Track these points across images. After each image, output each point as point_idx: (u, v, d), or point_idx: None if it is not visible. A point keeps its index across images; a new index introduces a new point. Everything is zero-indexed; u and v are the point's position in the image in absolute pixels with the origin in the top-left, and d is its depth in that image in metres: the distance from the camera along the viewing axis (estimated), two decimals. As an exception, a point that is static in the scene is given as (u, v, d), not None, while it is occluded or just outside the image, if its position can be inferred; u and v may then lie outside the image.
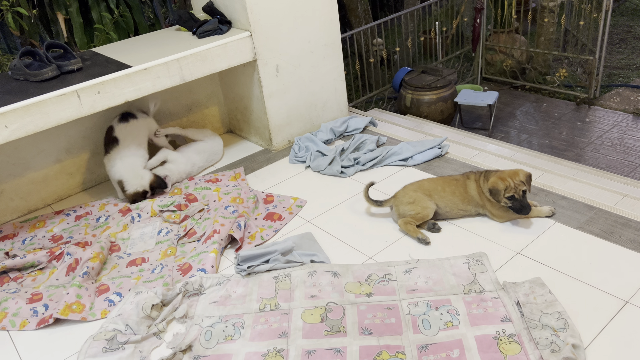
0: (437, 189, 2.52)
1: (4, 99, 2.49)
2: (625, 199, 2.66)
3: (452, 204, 2.50)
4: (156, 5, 5.02)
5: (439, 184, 2.55)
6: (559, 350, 1.73)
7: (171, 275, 2.35)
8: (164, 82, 2.86)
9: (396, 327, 1.93)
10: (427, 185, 2.54)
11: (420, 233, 2.40)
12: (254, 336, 1.97)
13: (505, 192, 2.33)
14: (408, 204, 2.48)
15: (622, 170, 4.04)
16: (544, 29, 5.41)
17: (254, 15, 3.06)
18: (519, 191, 2.32)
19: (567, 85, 5.42)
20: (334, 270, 2.25)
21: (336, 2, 3.39)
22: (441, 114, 4.81)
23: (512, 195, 2.33)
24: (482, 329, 1.87)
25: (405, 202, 2.49)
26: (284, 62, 3.29)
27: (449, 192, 2.50)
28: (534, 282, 2.04)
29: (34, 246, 2.73)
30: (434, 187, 2.53)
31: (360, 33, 5.24)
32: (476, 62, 5.86)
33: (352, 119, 3.62)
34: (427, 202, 2.46)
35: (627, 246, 2.22)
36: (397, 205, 2.52)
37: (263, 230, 2.62)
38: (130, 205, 2.93)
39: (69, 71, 2.75)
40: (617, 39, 6.64)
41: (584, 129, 4.73)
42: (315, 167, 3.15)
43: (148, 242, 2.65)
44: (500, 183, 2.34)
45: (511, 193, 2.32)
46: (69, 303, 2.19)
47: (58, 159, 3.14)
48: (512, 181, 2.32)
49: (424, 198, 2.47)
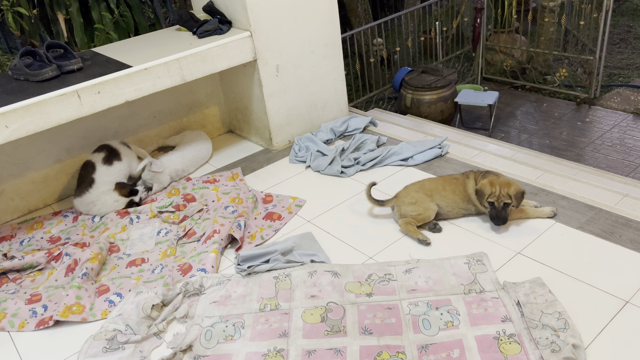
0: (437, 188, 2.52)
1: (4, 99, 2.49)
2: (625, 199, 2.66)
3: (453, 202, 2.50)
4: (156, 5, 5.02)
5: (440, 183, 2.55)
6: (559, 350, 1.72)
7: (171, 275, 2.35)
8: (164, 82, 2.86)
9: (396, 327, 1.93)
10: (428, 185, 2.54)
11: (421, 234, 2.40)
12: (254, 336, 1.97)
13: (488, 197, 2.35)
14: (410, 204, 2.48)
15: (622, 170, 4.04)
16: (544, 29, 5.41)
17: (254, 15, 3.06)
18: (500, 201, 2.33)
19: (567, 85, 5.42)
20: (334, 270, 2.25)
21: (336, 2, 3.38)
22: (441, 114, 4.81)
23: (493, 202, 2.35)
24: (482, 329, 1.87)
25: (407, 203, 2.49)
26: (284, 62, 3.29)
27: (449, 190, 2.51)
28: (534, 282, 2.04)
29: (32, 247, 2.72)
30: (435, 186, 2.53)
31: (361, 33, 5.24)
32: (476, 62, 5.86)
33: (352, 119, 3.62)
34: (429, 203, 2.46)
35: (627, 246, 2.22)
36: (399, 206, 2.52)
37: (263, 230, 2.62)
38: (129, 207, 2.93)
39: (69, 71, 2.75)
40: (617, 39, 6.64)
41: (584, 129, 4.72)
42: (316, 167, 3.15)
43: (147, 243, 2.65)
44: (487, 187, 2.36)
45: (492, 200, 2.34)
46: (68, 305, 2.19)
47: (58, 159, 3.14)
48: (499, 189, 2.33)
49: (425, 199, 2.47)
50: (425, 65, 5.26)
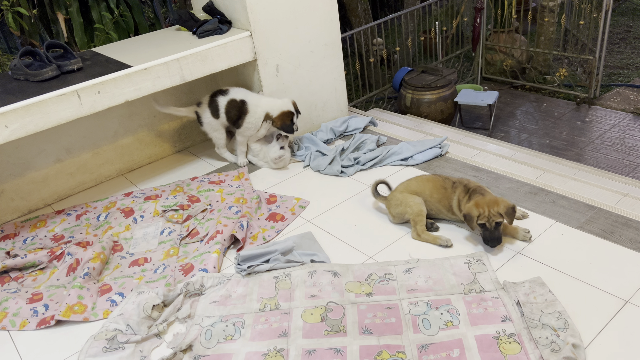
0: (425, 192, 2.50)
1: (4, 98, 2.49)
2: (625, 199, 2.66)
3: (437, 210, 2.50)
4: (156, 5, 5.02)
5: (428, 187, 2.51)
6: (559, 350, 1.73)
7: (173, 275, 2.35)
8: (164, 82, 2.87)
9: (396, 326, 1.93)
10: (414, 187, 2.53)
11: (439, 238, 2.37)
12: (254, 336, 1.97)
13: (478, 219, 2.23)
14: (397, 206, 2.51)
15: (622, 169, 4.04)
16: (544, 29, 5.41)
17: (254, 15, 3.06)
18: (491, 222, 2.22)
19: (567, 84, 5.42)
20: (334, 270, 2.25)
21: (336, 1, 3.39)
22: (441, 113, 4.81)
23: (484, 223, 2.23)
24: (482, 329, 1.87)
25: (394, 205, 2.53)
26: (284, 61, 3.29)
27: (436, 198, 2.48)
28: (534, 282, 2.04)
29: (35, 246, 2.73)
30: (422, 189, 2.51)
31: (360, 33, 5.24)
32: (476, 61, 5.86)
33: (352, 119, 3.62)
34: (413, 198, 2.47)
35: (627, 246, 2.22)
36: (389, 208, 2.57)
37: (265, 231, 2.62)
38: (133, 206, 2.93)
39: (69, 71, 2.76)
40: (617, 39, 6.64)
41: (584, 129, 4.73)
42: (316, 167, 3.15)
43: (151, 242, 2.65)
44: (474, 210, 2.24)
45: (483, 221, 2.23)
46: (70, 304, 2.19)
47: (58, 159, 3.14)
48: (487, 210, 2.21)
49: (409, 197, 2.48)
50: (425, 65, 5.26)
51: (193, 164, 3.44)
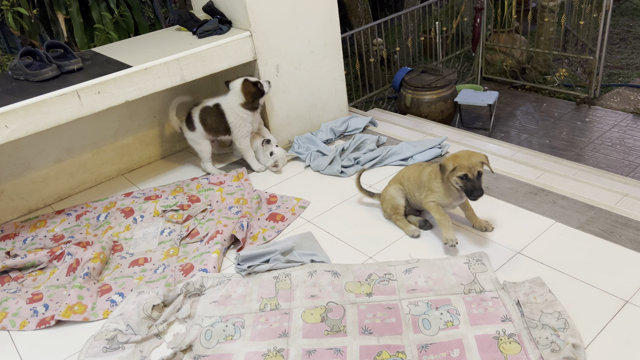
0: (405, 175, 2.51)
1: (4, 99, 2.49)
2: (625, 199, 2.66)
3: (410, 191, 2.46)
4: (156, 5, 5.02)
5: (408, 170, 2.51)
6: (559, 350, 1.73)
7: (173, 275, 2.35)
8: (164, 82, 2.87)
9: (396, 326, 1.93)
10: (401, 173, 2.57)
11: (407, 228, 2.47)
12: (254, 336, 1.97)
13: (456, 171, 2.14)
14: (384, 201, 2.59)
15: (622, 170, 4.04)
16: (544, 29, 5.41)
17: (254, 15, 3.06)
18: (473, 171, 2.12)
19: (567, 85, 5.42)
20: (334, 270, 2.25)
21: (336, 1, 3.39)
22: (441, 113, 4.81)
23: (465, 174, 2.13)
24: (482, 329, 1.87)
25: (382, 200, 2.61)
26: (284, 62, 3.29)
27: (412, 179, 2.44)
28: (534, 282, 2.04)
29: (35, 246, 2.73)
30: (403, 173, 2.53)
31: (361, 33, 5.24)
32: (476, 62, 5.86)
33: (352, 119, 3.62)
34: (391, 192, 2.53)
35: (627, 246, 2.22)
36: (381, 202, 2.65)
37: (265, 231, 2.62)
38: (133, 206, 2.93)
39: (69, 71, 2.76)
40: (617, 39, 6.64)
41: (584, 129, 4.73)
42: (316, 167, 3.15)
43: (151, 242, 2.65)
44: (449, 164, 2.16)
45: (464, 172, 2.12)
46: (70, 304, 2.19)
47: (58, 159, 3.14)
48: (467, 160, 2.13)
49: (388, 189, 2.56)
50: (425, 65, 5.26)
51: (193, 164, 3.44)
